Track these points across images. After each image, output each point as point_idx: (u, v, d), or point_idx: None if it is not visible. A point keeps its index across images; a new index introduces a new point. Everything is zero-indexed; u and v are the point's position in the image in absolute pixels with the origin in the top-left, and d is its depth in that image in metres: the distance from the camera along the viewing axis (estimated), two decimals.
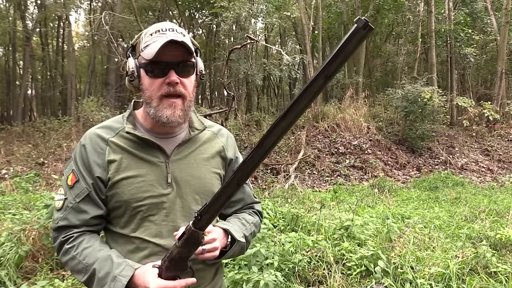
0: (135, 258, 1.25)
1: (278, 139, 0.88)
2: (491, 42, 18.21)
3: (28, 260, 3.84)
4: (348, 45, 0.75)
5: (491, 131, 14.74)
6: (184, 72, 1.24)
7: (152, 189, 1.26)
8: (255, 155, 0.90)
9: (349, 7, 18.73)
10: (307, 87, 0.80)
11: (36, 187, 8.66)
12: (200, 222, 1.04)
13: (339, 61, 0.76)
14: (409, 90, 12.57)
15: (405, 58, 18.59)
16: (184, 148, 1.34)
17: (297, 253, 3.85)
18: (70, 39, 18.17)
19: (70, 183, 1.26)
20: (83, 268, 1.19)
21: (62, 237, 1.24)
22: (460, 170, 12.08)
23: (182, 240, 1.08)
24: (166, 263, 1.12)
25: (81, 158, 1.27)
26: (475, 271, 3.88)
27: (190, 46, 1.23)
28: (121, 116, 1.35)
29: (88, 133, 1.31)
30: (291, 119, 0.84)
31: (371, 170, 11.37)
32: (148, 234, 1.26)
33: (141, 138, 1.27)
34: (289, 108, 0.83)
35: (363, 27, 0.72)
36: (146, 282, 1.11)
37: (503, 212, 6.67)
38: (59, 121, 13.63)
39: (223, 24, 13.52)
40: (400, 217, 6.19)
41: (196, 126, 1.39)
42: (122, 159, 1.26)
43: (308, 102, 0.82)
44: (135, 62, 1.26)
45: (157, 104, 1.24)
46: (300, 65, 19.28)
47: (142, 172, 1.26)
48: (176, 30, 1.26)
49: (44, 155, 10.77)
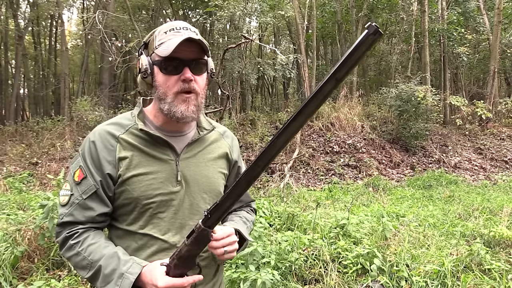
0: (142, 254, 1.26)
1: (289, 139, 0.90)
2: (483, 41, 18.33)
3: (23, 260, 3.83)
4: (358, 49, 0.78)
5: (484, 130, 14.86)
6: (198, 70, 1.27)
7: (162, 186, 1.27)
8: (266, 154, 0.93)
9: (343, 6, 18.77)
10: (318, 90, 0.83)
11: (30, 187, 8.61)
12: (209, 220, 1.06)
13: (350, 65, 0.79)
14: (403, 89, 12.63)
15: (398, 57, 18.66)
16: (194, 147, 1.36)
17: (293, 252, 3.87)
18: (63, 38, 18.03)
19: (77, 179, 1.26)
20: (88, 264, 1.19)
21: (67, 232, 1.24)
22: (453, 169, 12.16)
23: (192, 238, 1.09)
24: (175, 260, 1.13)
25: (90, 154, 1.26)
26: (469, 268, 3.92)
27: (205, 44, 1.25)
28: (129, 113, 1.36)
29: (98, 129, 1.31)
30: (302, 120, 0.87)
31: (365, 169, 11.42)
32: (156, 231, 1.28)
33: (151, 136, 1.28)
34: (300, 109, 0.86)
35: (373, 33, 0.75)
36: (154, 280, 1.12)
37: (496, 210, 6.74)
38: (52, 120, 13.54)
39: (217, 23, 13.50)
40: (394, 215, 6.23)
41: (204, 126, 1.42)
42: (133, 156, 1.27)
43: (319, 103, 0.85)
44: (148, 60, 1.27)
45: (171, 100, 1.25)
46: (294, 65, 19.29)
47: (153, 170, 1.27)
48: (190, 29, 1.28)
49: (38, 155, 10.71)
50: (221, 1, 12.27)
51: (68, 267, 3.81)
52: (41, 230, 3.89)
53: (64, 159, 10.41)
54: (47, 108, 21.73)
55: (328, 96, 0.83)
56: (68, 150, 10.84)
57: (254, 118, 13.71)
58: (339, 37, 19.11)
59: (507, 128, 15.49)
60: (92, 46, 19.83)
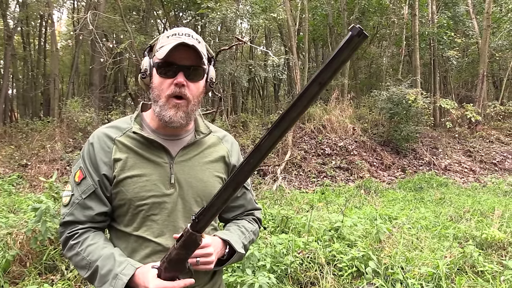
0: (137, 256, 1.28)
1: (274, 144, 0.89)
2: (472, 45, 18.58)
3: (15, 264, 3.77)
4: (342, 52, 0.75)
5: (473, 133, 15.03)
6: (193, 76, 1.29)
7: (155, 188, 1.29)
8: (251, 160, 0.92)
9: (334, 9, 18.86)
10: (301, 95, 0.80)
11: (20, 189, 8.51)
12: (198, 225, 1.06)
13: (333, 69, 0.77)
14: (394, 92, 12.73)
15: (389, 60, 18.82)
16: (189, 150, 1.37)
17: (288, 255, 3.86)
18: (53, 39, 17.80)
19: (78, 180, 1.30)
20: (87, 264, 1.23)
21: (68, 232, 1.27)
22: (443, 171, 12.29)
23: (180, 242, 1.10)
24: (165, 264, 1.14)
25: (88, 156, 1.31)
26: (463, 270, 3.95)
27: (202, 51, 1.26)
28: (129, 117, 1.39)
29: (96, 132, 1.35)
30: (285, 126, 0.85)
31: (357, 171, 11.48)
32: (150, 233, 1.30)
33: (147, 139, 1.31)
34: (283, 115, 0.84)
35: (357, 34, 0.73)
36: (146, 282, 1.13)
37: (487, 212, 6.81)
38: (42, 121, 13.39)
39: (209, 25, 13.46)
40: (387, 217, 6.26)
41: (201, 130, 1.42)
42: (127, 158, 1.29)
43: (302, 109, 0.82)
44: (149, 61, 1.31)
45: (163, 103, 1.28)
46: (285, 66, 19.33)
47: (147, 172, 1.29)
48: (192, 36, 1.30)
49: (27, 156, 10.58)
50: (213, 2, 12.25)
51: (61, 271, 3.76)
52: (34, 234, 3.83)
53: (54, 160, 10.29)
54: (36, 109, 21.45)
55: (312, 100, 0.81)
56: (58, 151, 10.72)
57: (246, 120, 13.71)
58: (331, 40, 19.21)
59: (495, 130, 15.70)
60: (82, 47, 19.65)
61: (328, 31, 19.00)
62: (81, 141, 11.35)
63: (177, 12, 19.38)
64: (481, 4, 18.37)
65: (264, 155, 0.91)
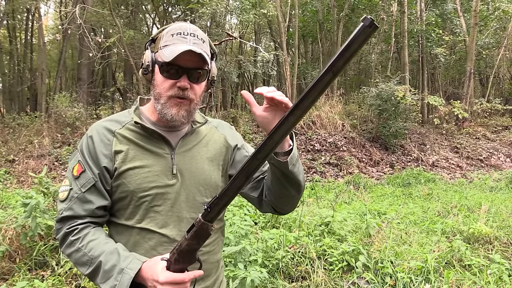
0: (141, 249, 1.27)
1: (287, 132, 0.92)
2: (460, 42, 18.77)
3: (4, 260, 3.73)
4: (354, 42, 0.78)
5: (460, 129, 15.24)
6: (196, 78, 1.28)
7: (157, 179, 1.28)
8: (265, 147, 0.94)
9: (324, 6, 18.91)
10: (316, 83, 0.84)
11: (7, 185, 8.40)
12: (209, 214, 1.05)
13: (346, 58, 0.80)
14: (383, 88, 12.82)
15: (378, 57, 18.94)
16: (188, 140, 1.37)
17: (280, 250, 3.89)
18: (40, 33, 17.53)
19: (76, 174, 1.28)
20: (88, 260, 1.20)
21: (67, 228, 1.25)
22: (431, 167, 12.44)
23: (192, 232, 1.08)
24: (175, 255, 1.12)
25: (87, 149, 1.29)
26: (451, 264, 4.03)
27: (207, 56, 1.26)
28: (127, 111, 1.39)
29: (95, 125, 1.34)
30: (299, 113, 0.89)
31: (346, 167, 11.56)
32: (154, 224, 1.28)
33: (147, 130, 1.31)
34: (298, 102, 0.88)
35: (369, 25, 0.76)
36: (154, 275, 1.11)
37: (473, 208, 6.93)
38: (29, 116, 13.21)
39: (198, 20, 13.39)
40: (376, 213, 6.33)
41: (197, 119, 1.43)
42: (128, 150, 1.29)
43: (316, 96, 0.86)
44: (151, 56, 1.29)
45: (164, 101, 1.27)
46: (275, 62, 19.33)
47: (148, 163, 1.29)
48: (197, 35, 1.28)
49: (15, 152, 10.43)
50: None
51: (51, 267, 3.74)
52: (23, 229, 3.80)
53: (43, 156, 10.18)
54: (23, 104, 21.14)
55: (325, 88, 0.84)
56: (46, 147, 10.60)
57: (235, 115, 13.69)
58: (320, 36, 19.25)
59: (482, 127, 15.94)
60: (70, 41, 19.38)
61: (318, 27, 19.03)
62: (70, 136, 11.23)
63: (167, 6, 19.24)
64: (469, 2, 18.58)
65: (278, 142, 0.94)
